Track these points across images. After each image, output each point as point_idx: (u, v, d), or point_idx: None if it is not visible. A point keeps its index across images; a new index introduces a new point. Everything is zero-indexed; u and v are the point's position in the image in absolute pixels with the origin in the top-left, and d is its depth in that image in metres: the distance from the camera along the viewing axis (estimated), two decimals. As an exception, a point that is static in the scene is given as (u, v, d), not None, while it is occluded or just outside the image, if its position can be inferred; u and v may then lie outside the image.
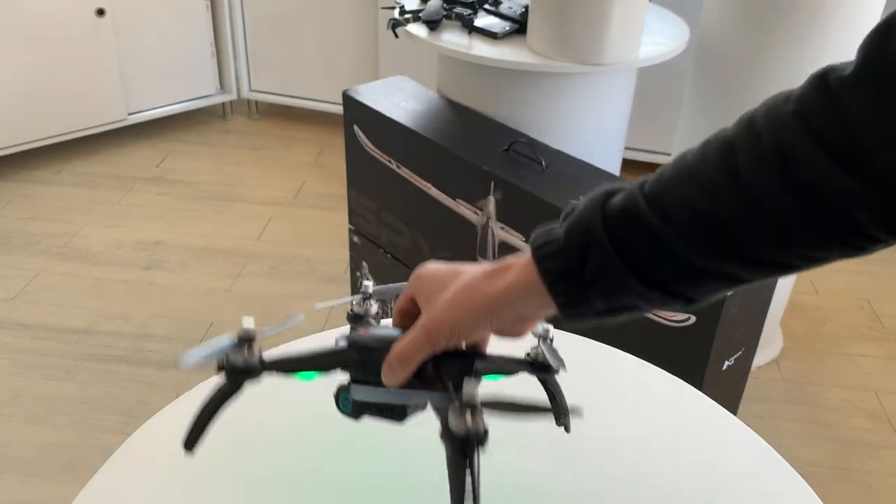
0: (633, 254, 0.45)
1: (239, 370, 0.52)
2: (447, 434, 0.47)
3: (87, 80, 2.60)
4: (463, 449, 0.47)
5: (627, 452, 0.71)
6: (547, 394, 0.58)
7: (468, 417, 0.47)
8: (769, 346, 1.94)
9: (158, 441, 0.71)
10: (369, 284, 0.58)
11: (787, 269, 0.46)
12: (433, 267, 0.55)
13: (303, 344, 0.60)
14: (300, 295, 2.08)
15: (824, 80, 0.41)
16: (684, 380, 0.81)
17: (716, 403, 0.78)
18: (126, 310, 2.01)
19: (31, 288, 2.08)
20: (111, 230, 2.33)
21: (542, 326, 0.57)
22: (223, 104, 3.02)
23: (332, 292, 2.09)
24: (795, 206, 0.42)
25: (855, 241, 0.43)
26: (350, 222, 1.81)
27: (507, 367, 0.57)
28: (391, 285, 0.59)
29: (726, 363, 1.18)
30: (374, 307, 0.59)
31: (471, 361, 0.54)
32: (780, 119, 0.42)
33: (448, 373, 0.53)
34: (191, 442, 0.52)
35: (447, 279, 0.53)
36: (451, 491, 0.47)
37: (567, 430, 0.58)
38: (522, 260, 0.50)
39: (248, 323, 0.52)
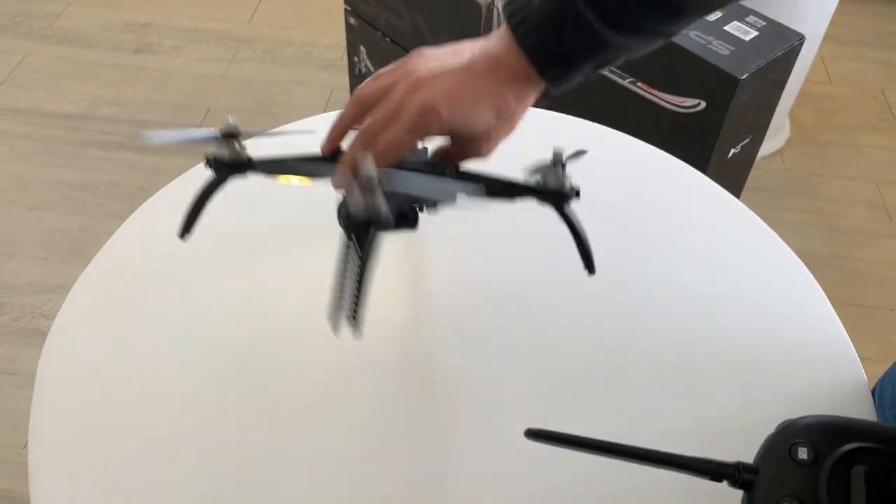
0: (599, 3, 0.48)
1: (226, 164, 0.52)
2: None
3: None
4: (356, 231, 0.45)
5: (628, 233, 0.71)
6: (569, 228, 0.55)
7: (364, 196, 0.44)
8: (775, 136, 1.91)
9: (157, 221, 0.71)
10: (230, 119, 0.52)
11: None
12: (426, 51, 0.53)
13: (296, 134, 0.58)
14: (296, 82, 2.02)
15: None
16: (689, 165, 0.79)
17: (719, 187, 0.77)
18: (120, 95, 1.96)
19: (19, 72, 2.01)
20: (97, 10, 2.21)
21: (554, 150, 0.54)
22: None
23: (329, 79, 2.03)
24: None
25: None
26: (345, 2, 1.71)
27: (513, 190, 0.54)
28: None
29: (732, 151, 1.16)
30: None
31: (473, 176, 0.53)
32: None
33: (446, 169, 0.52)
34: (184, 231, 0.54)
35: (437, 63, 0.51)
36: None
37: (592, 271, 0.56)
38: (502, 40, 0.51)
39: (232, 120, 0.52)
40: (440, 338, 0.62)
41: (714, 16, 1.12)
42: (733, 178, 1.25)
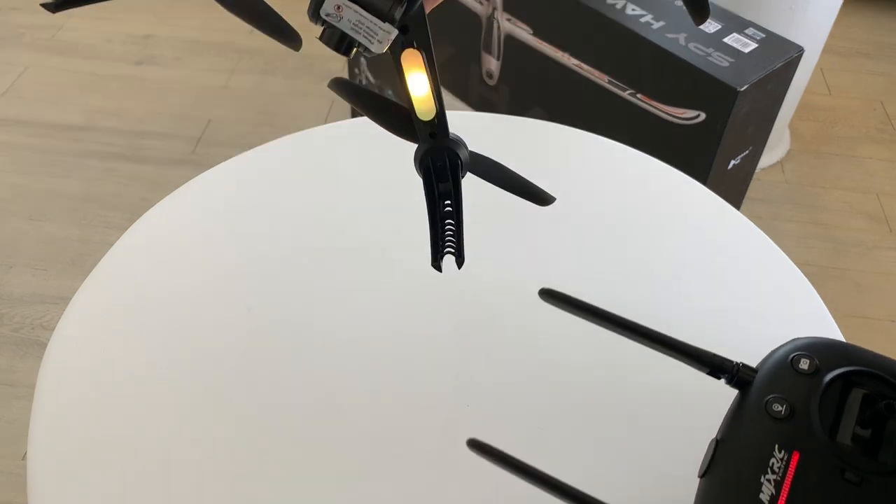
0: None
1: None
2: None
3: None
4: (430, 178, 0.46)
5: (628, 241, 0.71)
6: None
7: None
8: (776, 147, 1.91)
9: (158, 232, 0.71)
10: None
11: None
12: None
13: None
14: (297, 93, 2.03)
15: None
16: (689, 176, 0.79)
17: (719, 198, 0.77)
18: (122, 106, 1.97)
19: (21, 83, 2.02)
20: (99, 22, 2.22)
21: None
22: None
23: (330, 91, 2.03)
24: None
25: None
26: (348, 14, 1.72)
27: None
28: None
29: (732, 162, 1.16)
30: None
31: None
32: None
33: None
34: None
35: None
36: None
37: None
38: None
39: None
40: (439, 348, 0.62)
41: (714, 27, 1.13)
42: (734, 190, 1.25)
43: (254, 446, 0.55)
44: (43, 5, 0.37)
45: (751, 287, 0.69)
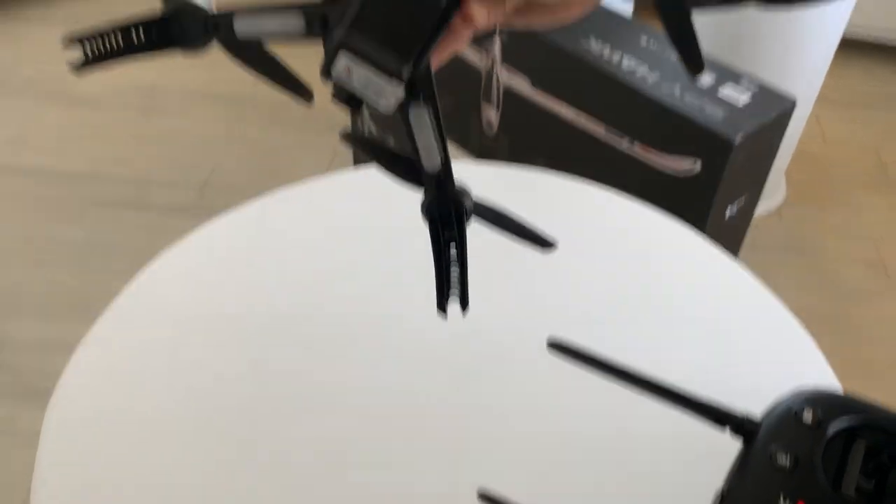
0: None
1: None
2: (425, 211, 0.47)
3: None
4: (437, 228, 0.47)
5: (627, 291, 0.72)
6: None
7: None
8: (772, 195, 1.93)
9: (163, 281, 0.72)
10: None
11: None
12: None
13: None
14: (300, 143, 2.06)
15: None
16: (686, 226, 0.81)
17: (717, 248, 0.78)
18: (127, 154, 1.99)
19: (29, 132, 2.05)
20: (107, 73, 2.24)
21: None
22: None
23: (333, 141, 2.07)
24: None
25: None
26: (351, 66, 1.76)
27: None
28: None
29: (729, 211, 1.18)
30: None
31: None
32: None
33: None
34: (86, 61, 0.43)
35: None
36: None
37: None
38: None
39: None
40: (444, 399, 0.62)
41: (708, 79, 1.15)
42: (731, 238, 1.26)
43: (259, 496, 0.55)
44: (69, 64, 0.40)
45: (749, 336, 0.69)
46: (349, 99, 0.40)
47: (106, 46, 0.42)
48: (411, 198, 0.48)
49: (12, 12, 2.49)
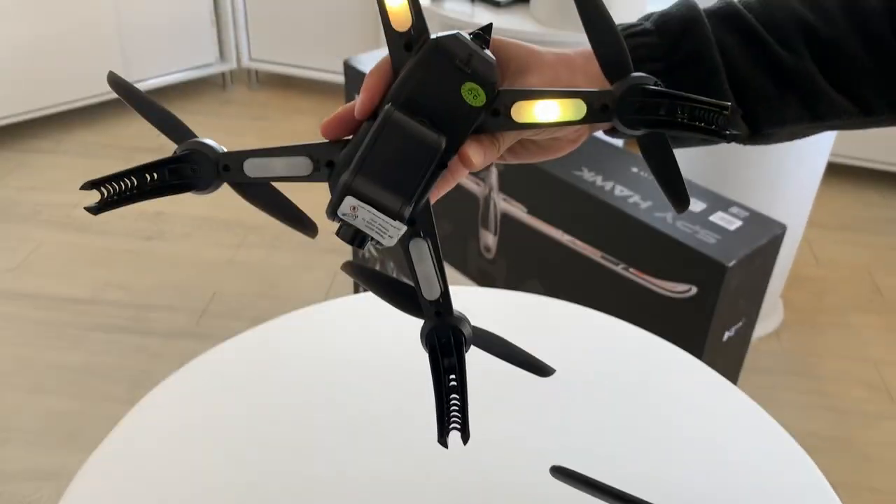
0: (728, 48, 0.47)
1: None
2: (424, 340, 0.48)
3: (86, 49, 2.58)
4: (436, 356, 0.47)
5: (626, 416, 0.72)
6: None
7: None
8: (770, 317, 1.95)
9: (163, 409, 0.72)
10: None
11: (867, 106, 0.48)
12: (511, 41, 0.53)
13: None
14: (301, 266, 2.09)
15: None
16: (684, 351, 0.81)
17: (716, 373, 0.79)
18: (129, 280, 2.02)
19: (33, 258, 2.08)
20: (113, 200, 2.32)
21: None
22: (223, 73, 3.00)
23: (335, 262, 2.10)
24: None
25: None
26: (352, 193, 1.81)
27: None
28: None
29: (727, 334, 1.18)
30: None
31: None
32: None
33: None
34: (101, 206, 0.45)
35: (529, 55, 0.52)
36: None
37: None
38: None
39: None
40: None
41: (699, 206, 1.19)
42: (729, 361, 1.26)
43: None
44: (86, 208, 0.42)
45: (750, 461, 0.68)
46: (353, 238, 0.43)
47: (122, 189, 0.45)
48: (413, 322, 0.49)
49: (25, 144, 2.58)
